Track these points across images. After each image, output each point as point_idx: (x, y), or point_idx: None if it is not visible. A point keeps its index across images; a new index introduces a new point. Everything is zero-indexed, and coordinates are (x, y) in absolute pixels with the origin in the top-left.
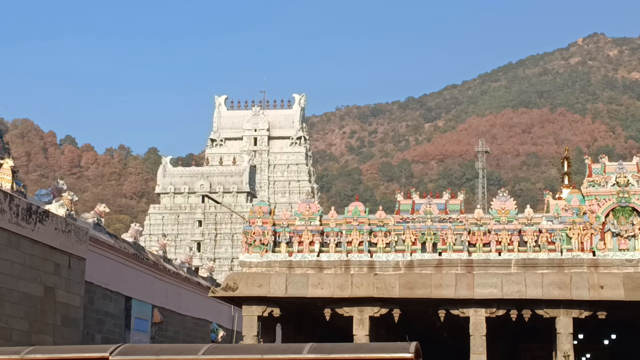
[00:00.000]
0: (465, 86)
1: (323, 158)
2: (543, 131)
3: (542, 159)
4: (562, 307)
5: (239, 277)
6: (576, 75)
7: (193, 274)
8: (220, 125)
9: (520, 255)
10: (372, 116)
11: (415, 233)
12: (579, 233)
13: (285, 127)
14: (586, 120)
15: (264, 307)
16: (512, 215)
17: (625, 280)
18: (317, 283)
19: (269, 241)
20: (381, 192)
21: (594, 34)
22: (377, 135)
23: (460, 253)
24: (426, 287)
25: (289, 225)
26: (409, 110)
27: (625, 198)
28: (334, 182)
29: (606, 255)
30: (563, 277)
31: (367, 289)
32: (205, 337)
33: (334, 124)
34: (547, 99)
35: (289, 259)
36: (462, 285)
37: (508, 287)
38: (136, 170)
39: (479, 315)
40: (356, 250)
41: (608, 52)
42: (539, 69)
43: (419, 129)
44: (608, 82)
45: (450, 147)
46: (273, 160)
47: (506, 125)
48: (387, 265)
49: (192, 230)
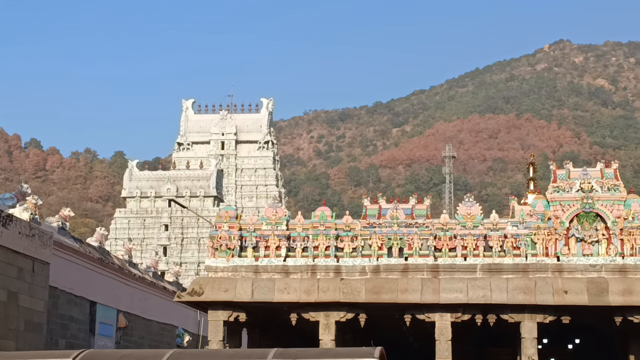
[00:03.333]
0: (433, 91)
1: (291, 162)
2: (509, 137)
3: (508, 164)
4: (526, 311)
5: (205, 281)
6: (542, 81)
7: (159, 279)
8: (188, 129)
9: (485, 260)
10: (340, 121)
11: (382, 238)
12: (544, 238)
13: (252, 131)
14: (552, 126)
15: (229, 311)
16: (477, 220)
17: (589, 285)
18: (283, 288)
19: (236, 246)
20: (349, 196)
21: (560, 41)
22: (345, 140)
23: (426, 258)
24: (392, 292)
25: (256, 229)
26: (377, 115)
27: (589, 204)
28: (301, 186)
29: (570, 261)
30: (528, 282)
31: (333, 294)
32: (171, 342)
33: (302, 129)
34: (514, 105)
35: (255, 264)
36: (428, 290)
37: (473, 292)
38: (102, 173)
39: (444, 319)
40: (323, 255)
41: (574, 59)
42: (505, 75)
43: (387, 134)
44: (573, 88)
45: (418, 152)
46: (240, 165)
47: (473, 130)
48: (353, 270)
49: (159, 235)
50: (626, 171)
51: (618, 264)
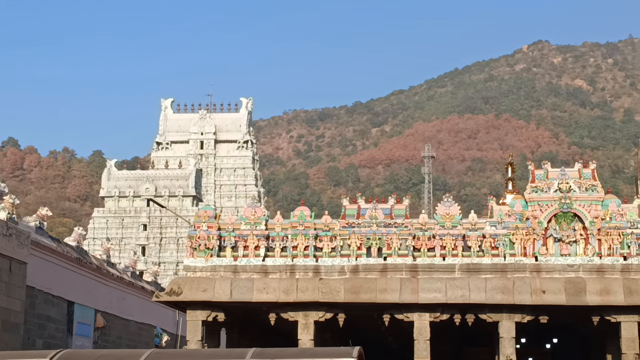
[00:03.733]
0: (412, 91)
1: (270, 162)
2: (488, 137)
3: (487, 165)
4: (504, 311)
5: (183, 281)
6: (521, 81)
7: (137, 278)
8: (167, 129)
9: (464, 260)
10: (320, 120)
11: (361, 238)
12: (522, 238)
13: (232, 130)
14: (530, 126)
15: (208, 311)
16: (456, 220)
17: (567, 285)
18: (262, 288)
19: (214, 246)
20: (328, 196)
21: (539, 42)
22: (325, 140)
23: (405, 258)
24: (371, 292)
25: (235, 229)
26: (356, 115)
27: (567, 204)
28: (280, 186)
29: (548, 261)
30: (506, 282)
31: (312, 294)
32: (149, 341)
33: (281, 128)
34: (493, 105)
35: (234, 264)
36: (407, 290)
37: (452, 291)
38: (80, 173)
39: (423, 319)
40: (302, 254)
41: (552, 59)
42: (484, 75)
43: (366, 134)
44: (552, 88)
45: (397, 152)
46: (219, 164)
47: (452, 130)
48: (332, 270)
49: (137, 234)
50: (604, 171)
51: (595, 264)
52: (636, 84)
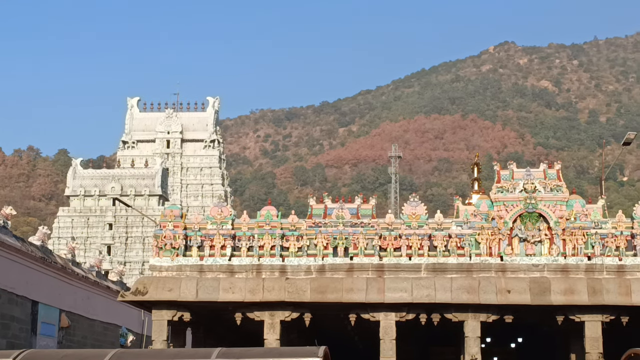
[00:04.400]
0: (379, 92)
1: (237, 161)
2: (455, 137)
3: (453, 165)
4: (470, 311)
5: (149, 281)
6: (487, 82)
7: (102, 278)
8: (133, 127)
9: (430, 260)
10: (287, 120)
11: (327, 237)
12: (488, 238)
13: (198, 129)
14: (496, 127)
15: (174, 311)
16: (422, 220)
17: (532, 285)
18: (228, 287)
19: (180, 245)
20: (295, 196)
21: (505, 42)
22: (292, 139)
23: (372, 257)
24: (337, 292)
25: (201, 229)
26: (323, 115)
27: (532, 204)
28: (247, 185)
29: (513, 260)
30: (471, 282)
31: (278, 293)
32: (115, 341)
33: (248, 128)
34: (459, 106)
35: (200, 263)
36: (373, 290)
37: (418, 291)
38: (45, 172)
39: (389, 319)
40: (268, 254)
41: (518, 61)
42: (451, 76)
43: (333, 134)
44: (518, 89)
45: (364, 152)
46: (186, 163)
47: (419, 130)
48: (298, 270)
49: (103, 234)
50: (569, 172)
51: (560, 263)
52: (601, 85)
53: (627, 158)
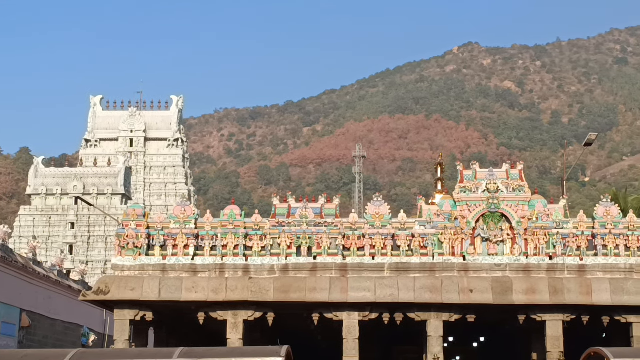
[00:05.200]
0: (344, 91)
1: (201, 160)
2: (419, 137)
3: (417, 165)
4: (433, 310)
5: (111, 280)
6: (451, 82)
7: (64, 277)
8: (95, 126)
9: (393, 260)
10: (251, 119)
11: (291, 237)
12: (450, 238)
13: (162, 128)
14: (460, 127)
15: (136, 311)
16: (386, 219)
17: (494, 284)
18: (191, 287)
19: (143, 244)
20: (259, 195)
21: (469, 43)
22: (256, 139)
23: (335, 257)
24: (301, 291)
25: (164, 228)
26: (288, 114)
27: (494, 204)
28: (211, 185)
29: (476, 260)
30: (434, 281)
31: (241, 293)
32: (76, 341)
33: (212, 127)
34: (423, 106)
35: (163, 263)
36: (336, 289)
37: (381, 290)
38: (6, 170)
39: (352, 318)
40: (231, 253)
41: (482, 61)
42: (415, 76)
43: (298, 133)
44: (481, 90)
45: (328, 152)
46: (149, 162)
47: (383, 130)
48: (262, 269)
49: (65, 233)
50: (532, 172)
51: (522, 263)
52: (563, 86)
53: (589, 159)
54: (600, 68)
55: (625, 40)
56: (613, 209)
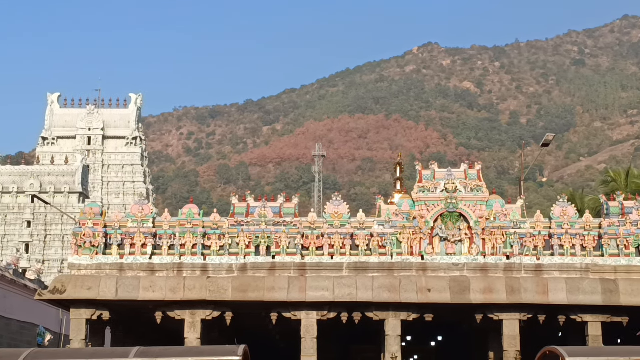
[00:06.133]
0: (304, 91)
1: (159, 159)
2: (378, 137)
3: (377, 164)
4: (391, 309)
5: (67, 279)
6: (411, 83)
7: (20, 276)
8: (53, 124)
9: (352, 259)
10: (211, 118)
11: (250, 236)
12: (409, 237)
13: (120, 126)
14: (419, 127)
15: (93, 310)
16: (345, 219)
17: (452, 284)
18: (148, 286)
19: (100, 243)
20: (218, 194)
21: (429, 44)
22: (215, 137)
23: (294, 256)
24: (259, 290)
25: (121, 227)
26: (248, 113)
27: (453, 204)
28: (170, 183)
29: (434, 259)
30: (393, 281)
31: (199, 292)
32: (32, 341)
33: (171, 125)
34: (383, 106)
35: (120, 262)
36: (295, 288)
37: (339, 290)
38: None
39: (310, 318)
40: (189, 252)
41: (441, 62)
42: (375, 76)
43: (257, 132)
44: (441, 90)
45: (288, 151)
46: (107, 161)
47: (343, 130)
48: (220, 268)
49: (21, 231)
50: (490, 172)
51: (480, 263)
52: (522, 87)
53: (547, 159)
54: (558, 69)
55: (583, 42)
56: (569, 209)
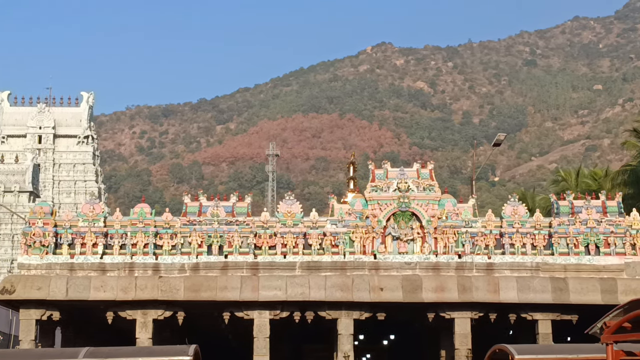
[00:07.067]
0: (258, 89)
1: (112, 158)
2: (332, 136)
3: (330, 164)
4: (343, 308)
5: (16, 279)
6: (365, 82)
7: None
8: (3, 122)
9: (304, 258)
10: (164, 117)
11: (202, 235)
12: (362, 236)
13: (72, 125)
14: (373, 126)
15: (43, 310)
16: (297, 218)
17: (404, 283)
18: (99, 286)
19: (50, 243)
20: (171, 193)
21: (382, 43)
22: (168, 136)
23: (246, 256)
24: (211, 290)
25: (72, 226)
26: (201, 112)
27: (405, 203)
28: (122, 182)
29: (386, 258)
30: (345, 280)
31: (151, 292)
32: None
33: (124, 124)
34: (337, 105)
35: (71, 261)
36: (247, 288)
37: (292, 289)
38: None
39: (263, 317)
40: (141, 252)
41: (395, 61)
42: (329, 75)
43: (211, 131)
44: (394, 90)
45: (242, 150)
46: (58, 159)
47: (297, 129)
48: (172, 268)
49: None
50: (443, 172)
51: (432, 261)
52: (474, 87)
53: (499, 159)
54: (510, 70)
55: (535, 42)
56: (520, 208)
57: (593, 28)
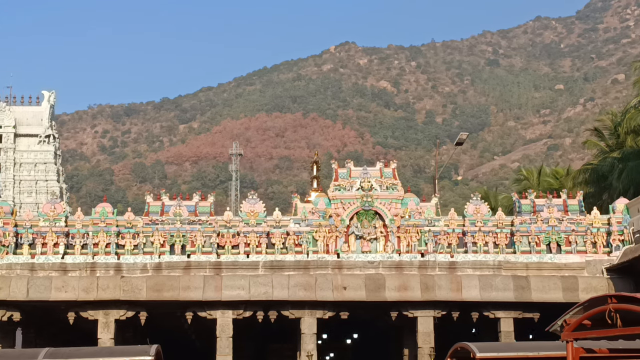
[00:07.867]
0: (221, 89)
1: (74, 157)
2: (296, 135)
3: (294, 163)
4: (307, 307)
5: None
6: (328, 82)
7: None
8: None
9: (268, 257)
10: (126, 116)
11: (164, 235)
12: (325, 236)
13: (33, 124)
14: (337, 125)
15: (3, 311)
16: (261, 217)
17: (367, 281)
18: (61, 286)
19: (10, 243)
20: (133, 193)
21: (346, 43)
22: (131, 136)
23: (209, 255)
24: (174, 290)
25: (32, 226)
26: (164, 111)
27: (368, 202)
28: (84, 182)
29: (350, 257)
30: (308, 279)
31: (113, 292)
32: None
33: (86, 123)
34: (300, 104)
35: (32, 262)
36: (210, 287)
37: (255, 288)
38: None
39: (226, 317)
40: (103, 252)
41: (358, 61)
42: (292, 75)
43: (174, 130)
44: (358, 89)
45: (205, 149)
46: (19, 159)
47: (260, 128)
48: (134, 268)
49: None
50: (406, 171)
51: (395, 260)
52: (437, 86)
53: (462, 158)
54: (472, 69)
55: (497, 42)
56: (483, 207)
57: (555, 28)
